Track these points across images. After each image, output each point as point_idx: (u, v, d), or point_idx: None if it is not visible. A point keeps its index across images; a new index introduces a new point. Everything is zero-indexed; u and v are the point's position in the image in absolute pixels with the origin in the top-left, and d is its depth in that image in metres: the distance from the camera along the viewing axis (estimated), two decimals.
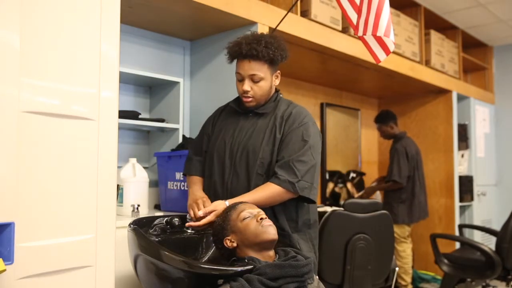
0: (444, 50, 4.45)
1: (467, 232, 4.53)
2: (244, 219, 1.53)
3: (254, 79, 1.85)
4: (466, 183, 4.66)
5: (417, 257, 4.44)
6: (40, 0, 1.44)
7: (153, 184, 2.73)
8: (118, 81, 1.63)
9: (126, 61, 2.66)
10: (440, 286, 3.73)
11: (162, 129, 2.74)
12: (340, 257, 2.57)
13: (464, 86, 4.80)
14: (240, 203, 1.62)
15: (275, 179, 1.76)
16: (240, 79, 1.89)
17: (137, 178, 2.41)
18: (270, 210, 1.77)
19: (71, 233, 1.49)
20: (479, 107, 5.06)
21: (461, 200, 4.58)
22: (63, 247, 1.46)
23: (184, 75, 3.00)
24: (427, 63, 4.22)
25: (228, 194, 1.83)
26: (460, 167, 4.74)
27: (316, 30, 2.97)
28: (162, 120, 2.69)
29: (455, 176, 4.50)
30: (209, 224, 1.69)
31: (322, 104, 4.30)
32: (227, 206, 1.69)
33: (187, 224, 1.72)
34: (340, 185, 4.32)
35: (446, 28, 4.68)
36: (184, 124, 2.86)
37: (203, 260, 1.79)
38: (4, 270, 1.25)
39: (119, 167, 2.20)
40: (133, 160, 2.48)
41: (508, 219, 3.48)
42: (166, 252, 1.46)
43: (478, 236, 4.69)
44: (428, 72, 4.18)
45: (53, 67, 1.46)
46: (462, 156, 4.78)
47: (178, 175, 2.51)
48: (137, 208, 2.26)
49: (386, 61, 2.52)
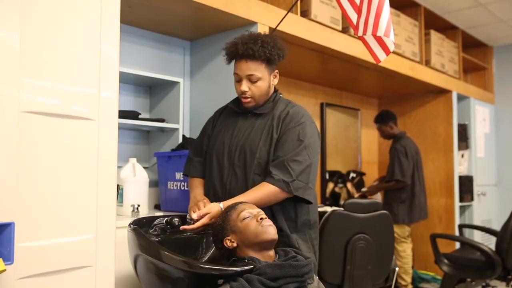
0: (444, 50, 4.45)
1: (467, 232, 4.53)
2: (244, 219, 1.53)
3: (252, 79, 1.85)
4: (466, 183, 4.66)
5: (417, 257, 4.44)
6: (40, 0, 1.44)
7: (153, 184, 2.73)
8: (118, 81, 1.64)
9: (126, 61, 2.66)
10: (440, 286, 3.72)
11: (162, 129, 2.75)
12: (340, 257, 2.57)
13: (464, 86, 4.80)
14: (240, 203, 1.62)
15: (269, 178, 1.75)
16: (238, 80, 1.89)
17: (137, 178, 2.41)
18: (268, 210, 1.76)
19: (71, 233, 1.49)
20: (479, 107, 5.06)
21: (461, 200, 4.58)
22: (63, 247, 1.46)
23: (184, 75, 3.00)
24: (427, 63, 4.22)
25: (227, 195, 1.83)
26: (460, 167, 4.74)
27: (316, 30, 2.97)
28: (162, 120, 2.69)
29: (455, 176, 4.51)
30: (203, 226, 1.68)
31: (322, 104, 4.30)
32: (222, 208, 1.69)
33: (181, 228, 1.70)
34: (340, 185, 4.32)
35: (446, 28, 4.68)
36: (184, 124, 2.86)
37: (203, 260, 1.79)
38: (4, 270, 1.25)
39: (119, 167, 2.20)
40: (133, 160, 2.48)
41: (508, 219, 3.48)
42: (166, 252, 1.46)
43: (478, 236, 4.68)
44: (428, 72, 4.18)
45: (53, 67, 1.46)
46: (462, 156, 4.78)
47: (178, 175, 2.51)
48: (137, 208, 2.26)
49: (386, 61, 2.52)
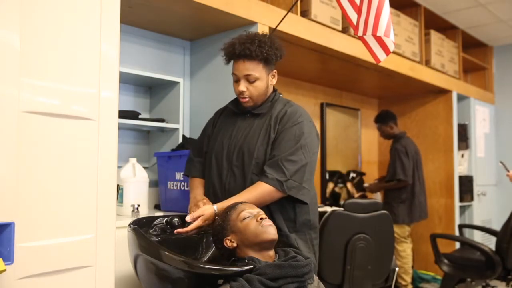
0: (444, 50, 4.45)
1: (467, 232, 4.53)
2: (244, 219, 1.53)
3: (250, 79, 1.85)
4: (466, 183, 4.66)
5: (417, 257, 4.44)
6: (40, 0, 1.44)
7: (153, 184, 2.72)
8: (118, 81, 1.63)
9: (126, 61, 2.66)
10: (440, 286, 3.72)
11: (162, 129, 2.74)
12: (340, 257, 2.57)
13: (464, 86, 4.80)
14: (240, 203, 1.62)
15: (263, 177, 1.75)
16: (236, 80, 1.88)
17: (137, 178, 2.41)
18: (266, 209, 1.76)
19: (71, 233, 1.49)
20: (479, 107, 5.06)
21: (461, 200, 4.57)
22: (63, 247, 1.46)
23: (184, 75, 3.00)
24: (427, 63, 4.22)
25: (226, 195, 1.83)
26: (460, 167, 4.74)
27: (316, 30, 2.97)
28: (162, 120, 2.69)
29: (455, 176, 4.50)
30: (197, 229, 1.68)
31: (322, 104, 4.30)
32: (216, 210, 1.69)
33: (175, 231, 1.69)
34: (340, 185, 4.32)
35: (446, 28, 4.68)
36: (184, 124, 2.86)
37: (203, 260, 1.79)
38: (4, 270, 1.25)
39: (119, 167, 2.20)
40: (133, 160, 2.48)
41: (508, 219, 3.47)
42: (166, 252, 1.46)
43: (478, 236, 4.68)
44: (428, 72, 4.18)
45: (53, 67, 1.46)
46: (462, 156, 4.78)
47: (178, 175, 2.51)
48: (137, 208, 2.26)
49: (386, 61, 2.52)
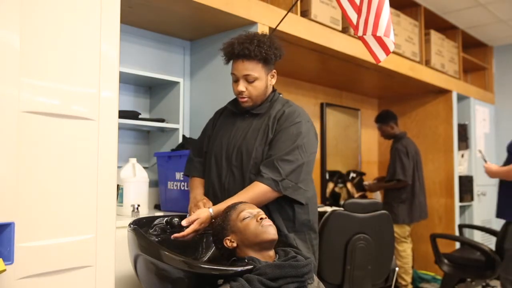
0: (444, 50, 4.45)
1: (467, 232, 4.53)
2: (244, 219, 1.53)
3: (249, 79, 1.84)
4: (466, 183, 4.66)
5: (417, 257, 4.44)
6: (40, 0, 1.44)
7: (153, 184, 2.72)
8: (118, 81, 1.63)
9: (126, 61, 2.66)
10: (440, 286, 3.72)
11: (162, 129, 2.74)
12: (340, 257, 2.57)
13: (464, 86, 4.80)
14: (240, 203, 1.62)
15: (259, 177, 1.75)
16: (235, 80, 1.88)
17: (137, 178, 2.41)
18: (265, 209, 1.75)
19: (71, 233, 1.49)
20: (479, 107, 5.06)
21: (461, 200, 4.57)
22: (63, 247, 1.46)
23: (184, 75, 3.00)
24: (427, 63, 4.22)
25: (226, 195, 1.83)
26: (460, 167, 4.74)
27: (316, 30, 2.97)
28: (162, 120, 2.69)
29: (455, 176, 4.50)
30: (194, 233, 1.67)
31: (322, 104, 4.30)
32: (211, 213, 1.69)
33: (172, 236, 1.68)
34: (340, 185, 4.32)
35: (446, 28, 4.68)
36: (184, 124, 2.86)
37: (203, 260, 1.79)
38: (4, 270, 1.25)
39: (119, 167, 2.20)
40: (133, 160, 2.48)
41: None
42: (166, 252, 1.46)
43: (478, 236, 4.68)
44: (428, 72, 4.18)
45: (53, 67, 1.46)
46: (462, 156, 4.78)
47: (178, 175, 2.51)
48: (137, 208, 2.26)
49: (386, 61, 2.52)
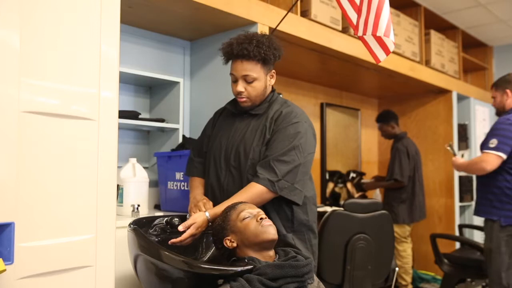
0: (444, 50, 4.45)
1: (467, 232, 4.53)
2: (244, 219, 1.53)
3: (248, 80, 1.84)
4: (466, 183, 4.66)
5: (417, 257, 4.44)
6: (40, 0, 1.44)
7: (153, 184, 2.72)
8: (118, 81, 1.63)
9: (126, 61, 2.66)
10: (440, 286, 3.72)
11: (162, 129, 2.74)
12: (340, 257, 2.57)
13: (464, 86, 4.80)
14: (240, 203, 1.62)
15: (255, 177, 1.75)
16: (234, 80, 1.88)
17: (137, 178, 2.41)
18: (263, 209, 1.72)
19: (71, 233, 1.49)
20: (479, 107, 5.06)
21: (461, 200, 4.57)
22: (63, 247, 1.46)
23: (184, 75, 3.00)
24: (427, 63, 4.22)
25: (225, 195, 1.83)
26: None
27: (316, 30, 2.97)
28: (162, 120, 2.69)
29: (455, 176, 4.51)
30: (191, 237, 1.67)
31: (322, 104, 4.30)
32: (208, 217, 1.69)
33: (169, 242, 1.67)
34: (340, 185, 4.32)
35: (446, 28, 4.68)
36: (184, 124, 2.86)
37: (203, 260, 1.79)
38: (4, 270, 1.25)
39: (119, 167, 2.20)
40: (133, 160, 2.48)
41: None
42: (166, 252, 1.46)
43: (478, 236, 4.68)
44: (428, 72, 4.18)
45: (53, 67, 1.46)
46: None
47: (178, 175, 2.51)
48: (137, 208, 2.26)
49: (386, 61, 2.52)
